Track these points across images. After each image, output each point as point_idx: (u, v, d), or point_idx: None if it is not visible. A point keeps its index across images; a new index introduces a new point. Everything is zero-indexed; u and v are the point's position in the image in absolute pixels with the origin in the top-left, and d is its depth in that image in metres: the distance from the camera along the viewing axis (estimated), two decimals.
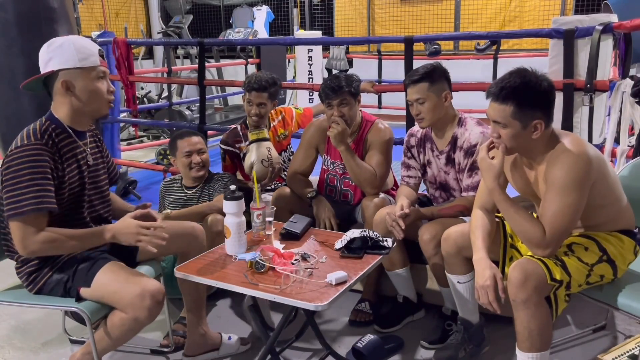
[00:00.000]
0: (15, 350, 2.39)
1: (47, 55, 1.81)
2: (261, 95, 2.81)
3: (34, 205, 1.69)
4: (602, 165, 1.78)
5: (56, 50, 1.79)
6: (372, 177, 2.46)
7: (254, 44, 6.86)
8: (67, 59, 1.78)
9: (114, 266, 1.84)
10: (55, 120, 1.84)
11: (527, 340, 1.73)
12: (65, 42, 1.80)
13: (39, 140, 1.74)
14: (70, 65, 1.79)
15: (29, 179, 1.70)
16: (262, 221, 2.12)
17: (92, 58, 1.82)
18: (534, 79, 1.71)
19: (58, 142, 1.81)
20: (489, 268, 1.80)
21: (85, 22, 8.55)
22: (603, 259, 1.78)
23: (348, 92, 2.47)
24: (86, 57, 1.80)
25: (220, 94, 7.85)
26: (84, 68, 1.80)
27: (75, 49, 1.79)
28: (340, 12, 8.80)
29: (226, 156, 2.99)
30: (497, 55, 6.67)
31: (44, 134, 1.77)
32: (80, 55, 1.79)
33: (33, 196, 1.69)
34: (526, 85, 1.70)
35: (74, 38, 1.84)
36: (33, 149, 1.72)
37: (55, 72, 1.80)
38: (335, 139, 2.41)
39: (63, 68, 1.79)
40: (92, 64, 1.81)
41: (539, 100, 1.71)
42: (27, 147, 1.72)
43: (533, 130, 1.72)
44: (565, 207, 1.68)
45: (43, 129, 1.79)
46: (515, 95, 1.69)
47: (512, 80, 1.71)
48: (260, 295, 1.74)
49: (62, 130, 1.84)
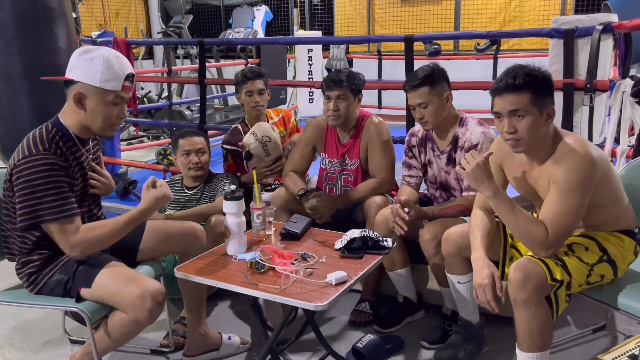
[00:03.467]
0: (15, 350, 2.39)
1: (75, 63, 1.79)
2: (258, 82, 2.88)
3: (64, 213, 1.72)
4: (607, 166, 1.77)
5: (85, 62, 1.77)
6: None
7: (254, 43, 6.86)
8: (91, 74, 1.76)
9: (114, 267, 1.84)
10: (62, 127, 1.83)
11: (528, 340, 1.73)
12: (97, 57, 1.77)
13: (47, 151, 1.73)
14: (91, 82, 1.76)
15: (50, 187, 1.70)
16: (262, 221, 2.12)
17: (116, 82, 1.78)
18: (536, 69, 1.74)
19: (65, 150, 1.81)
20: (487, 266, 1.80)
21: (85, 22, 8.55)
22: (603, 259, 1.78)
23: (348, 87, 2.48)
24: (110, 79, 1.77)
25: (220, 94, 7.85)
26: (102, 89, 1.77)
27: (103, 69, 1.76)
28: (340, 12, 8.80)
29: (229, 156, 2.99)
30: (497, 55, 6.67)
31: (51, 143, 1.77)
32: (104, 76, 1.76)
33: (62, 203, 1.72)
34: (534, 73, 1.72)
35: (108, 56, 1.79)
36: (43, 158, 1.71)
37: (75, 81, 1.78)
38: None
39: (83, 81, 1.77)
40: (112, 88, 1.78)
41: (548, 87, 1.74)
42: (37, 157, 1.71)
43: (546, 118, 1.73)
44: (569, 209, 1.68)
45: (50, 137, 1.78)
46: (530, 82, 1.70)
47: (520, 70, 1.73)
48: (260, 295, 1.74)
49: (68, 138, 1.84)
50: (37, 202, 1.70)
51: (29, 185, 1.70)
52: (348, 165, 2.64)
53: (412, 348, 2.31)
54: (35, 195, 1.70)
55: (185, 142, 2.67)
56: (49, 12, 3.25)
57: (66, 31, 3.37)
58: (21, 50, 3.19)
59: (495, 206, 1.77)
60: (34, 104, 3.23)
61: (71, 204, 1.76)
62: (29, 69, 3.23)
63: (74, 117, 1.83)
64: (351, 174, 2.64)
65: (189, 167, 2.65)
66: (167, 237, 2.09)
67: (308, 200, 2.48)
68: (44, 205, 1.70)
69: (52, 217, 1.71)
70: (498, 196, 1.75)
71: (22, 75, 3.25)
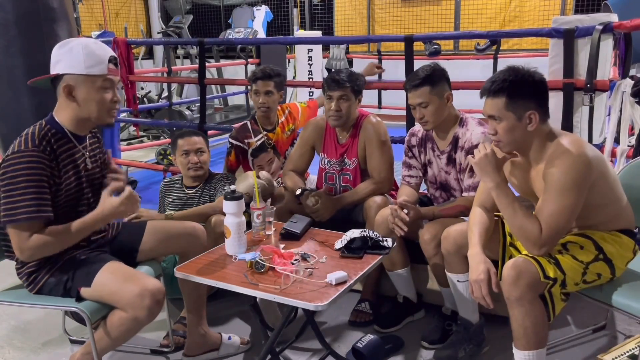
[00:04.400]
0: (15, 350, 2.39)
1: (57, 57, 1.79)
2: (267, 83, 2.86)
3: (29, 214, 1.68)
4: (602, 165, 1.78)
5: (66, 54, 1.77)
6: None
7: (254, 43, 6.85)
8: (74, 63, 1.76)
9: (113, 266, 1.84)
10: (55, 124, 1.82)
11: (523, 338, 1.74)
12: (76, 46, 1.77)
13: (36, 147, 1.72)
14: (76, 71, 1.76)
15: (25, 186, 1.68)
16: (262, 221, 2.12)
17: (100, 66, 1.78)
18: (524, 72, 1.75)
19: (57, 147, 1.79)
20: (482, 262, 1.81)
21: (85, 22, 8.55)
22: (599, 257, 1.79)
23: (350, 87, 2.49)
24: (94, 64, 1.77)
25: (220, 94, 7.85)
26: (89, 75, 1.77)
27: (85, 55, 1.76)
28: (340, 12, 8.79)
29: (232, 151, 2.99)
30: (497, 55, 6.66)
31: (42, 140, 1.75)
32: (88, 62, 1.76)
33: (28, 204, 1.68)
34: (516, 77, 1.74)
35: (87, 42, 1.80)
36: (29, 155, 1.70)
37: (61, 75, 1.78)
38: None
39: (69, 72, 1.77)
40: (98, 72, 1.78)
41: (530, 90, 1.74)
42: (24, 153, 1.70)
43: (528, 122, 1.74)
44: (563, 208, 1.69)
45: (42, 134, 1.76)
46: (505, 87, 1.73)
47: (502, 74, 1.76)
48: (261, 295, 1.74)
49: (62, 135, 1.82)
50: (15, 200, 1.68)
51: (10, 183, 1.69)
52: (347, 165, 2.65)
53: (412, 348, 2.31)
54: (16, 192, 1.68)
55: (184, 142, 2.66)
56: (50, 12, 3.24)
57: (67, 31, 3.37)
58: (23, 51, 3.19)
59: (497, 197, 1.79)
60: (36, 104, 3.23)
61: (45, 207, 1.72)
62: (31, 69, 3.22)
63: (68, 112, 1.82)
64: (350, 173, 2.64)
65: (189, 167, 2.65)
66: (167, 237, 2.09)
67: (307, 199, 2.49)
68: (19, 204, 1.68)
69: (23, 216, 1.68)
70: (500, 188, 1.78)
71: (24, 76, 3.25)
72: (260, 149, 2.96)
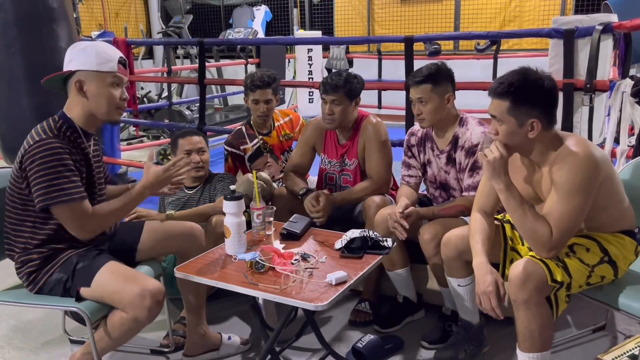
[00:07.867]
0: (15, 350, 2.39)
1: (70, 56, 1.88)
2: (266, 92, 2.84)
3: (80, 194, 1.78)
4: (609, 167, 1.77)
5: (78, 52, 1.87)
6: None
7: (254, 43, 6.85)
8: (86, 61, 1.85)
9: (113, 266, 1.84)
10: (67, 119, 1.88)
11: (528, 341, 1.73)
12: (88, 46, 1.88)
13: (56, 136, 1.79)
14: (88, 67, 1.84)
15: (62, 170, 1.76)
16: (262, 221, 2.12)
17: (110, 64, 1.87)
18: (534, 77, 1.71)
19: (72, 140, 1.86)
20: (489, 273, 1.79)
21: (85, 22, 8.55)
22: (604, 260, 1.78)
23: (343, 92, 2.48)
24: (104, 61, 1.86)
25: (220, 94, 7.84)
26: (100, 72, 1.85)
27: (96, 53, 1.85)
28: (340, 12, 8.80)
29: (229, 158, 2.99)
30: (497, 55, 6.67)
31: (59, 131, 1.82)
32: (99, 60, 1.85)
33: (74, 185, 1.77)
34: (525, 82, 1.70)
35: (98, 43, 1.93)
36: (53, 142, 1.77)
37: (73, 72, 1.85)
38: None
39: (81, 69, 1.84)
40: (109, 69, 1.86)
41: (537, 98, 1.70)
42: (47, 141, 1.76)
43: (529, 129, 1.71)
44: (572, 210, 1.67)
45: (58, 126, 1.83)
46: (511, 91, 1.69)
47: (511, 76, 1.72)
48: (261, 295, 1.74)
49: (73, 130, 1.87)
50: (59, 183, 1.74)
51: (45, 167, 1.73)
52: (347, 166, 2.65)
53: (412, 348, 2.31)
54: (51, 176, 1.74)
55: (186, 141, 2.66)
56: (50, 12, 3.25)
57: (67, 31, 3.38)
58: (23, 50, 3.19)
59: (506, 200, 1.76)
60: (36, 103, 3.23)
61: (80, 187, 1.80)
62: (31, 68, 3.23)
63: (79, 107, 1.88)
64: (350, 174, 2.64)
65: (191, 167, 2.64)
66: (166, 237, 2.10)
67: (308, 202, 2.48)
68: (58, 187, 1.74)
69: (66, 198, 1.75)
70: (510, 190, 1.74)
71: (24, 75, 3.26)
72: (257, 154, 2.96)
